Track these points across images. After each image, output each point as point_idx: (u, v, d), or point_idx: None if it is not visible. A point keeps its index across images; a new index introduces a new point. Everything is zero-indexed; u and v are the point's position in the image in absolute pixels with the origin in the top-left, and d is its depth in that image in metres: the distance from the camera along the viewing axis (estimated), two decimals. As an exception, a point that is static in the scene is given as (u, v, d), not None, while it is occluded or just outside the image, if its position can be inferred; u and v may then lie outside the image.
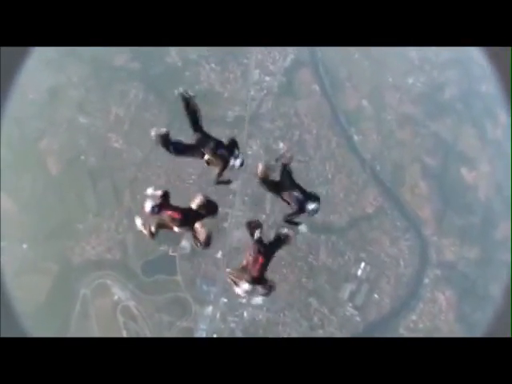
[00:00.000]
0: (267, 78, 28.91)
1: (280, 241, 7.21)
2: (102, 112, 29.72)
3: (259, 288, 6.92)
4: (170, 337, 27.47)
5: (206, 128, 8.07)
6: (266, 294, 7.07)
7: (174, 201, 7.35)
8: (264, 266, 6.90)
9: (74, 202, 28.98)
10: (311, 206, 7.53)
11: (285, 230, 7.19)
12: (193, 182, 27.56)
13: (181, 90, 7.35)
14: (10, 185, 30.59)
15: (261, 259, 6.83)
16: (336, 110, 29.08)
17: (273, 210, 27.51)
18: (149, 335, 28.92)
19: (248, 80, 28.90)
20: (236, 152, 7.41)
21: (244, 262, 7.00)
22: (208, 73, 28.57)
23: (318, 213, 7.54)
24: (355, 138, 29.03)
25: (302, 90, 29.17)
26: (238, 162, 7.43)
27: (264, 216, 27.57)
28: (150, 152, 28.87)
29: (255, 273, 6.81)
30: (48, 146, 30.18)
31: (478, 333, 26.59)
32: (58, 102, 29.97)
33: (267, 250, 6.94)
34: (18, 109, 29.54)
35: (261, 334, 27.62)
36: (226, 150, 7.60)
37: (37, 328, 29.36)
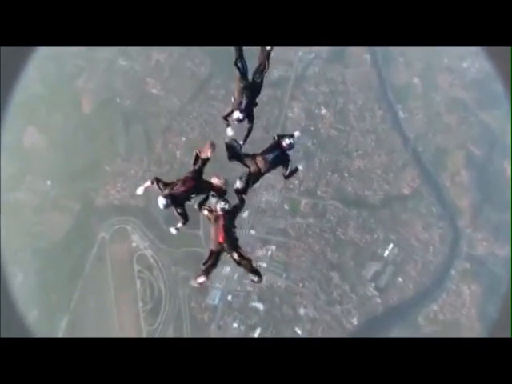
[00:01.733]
0: (318, 41, 27.73)
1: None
2: (143, 56, 28.94)
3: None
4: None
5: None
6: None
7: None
8: (227, 230, 6.46)
9: (104, 144, 28.35)
10: (286, 141, 6.77)
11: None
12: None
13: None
14: (41, 120, 30.12)
15: (222, 223, 6.43)
16: (385, 83, 27.87)
17: (307, 176, 26.61)
18: (162, 288, 28.45)
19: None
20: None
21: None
22: (257, 28, 27.45)
23: (293, 146, 6.80)
24: (401, 114, 27.81)
25: (352, 58, 27.96)
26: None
27: (297, 181, 26.68)
28: (187, 102, 28.07)
29: (219, 238, 6.45)
30: (84, 84, 29.53)
31: (498, 334, 25.51)
32: (99, 41, 29.31)
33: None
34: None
35: (277, 301, 26.85)
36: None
37: (51, 267, 29.19)
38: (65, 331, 27.55)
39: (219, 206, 6.39)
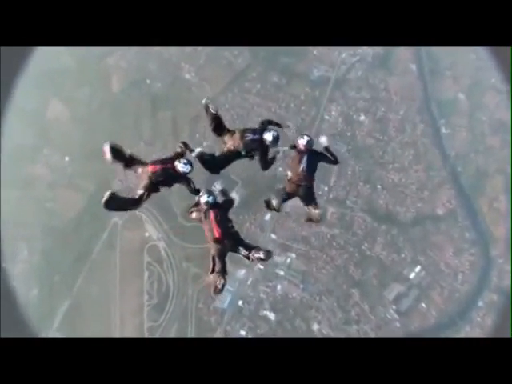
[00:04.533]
0: (363, 45, 26.47)
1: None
2: (179, 40, 27.93)
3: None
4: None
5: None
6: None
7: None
8: (220, 223, 6.32)
9: (129, 125, 27.16)
10: (268, 137, 6.60)
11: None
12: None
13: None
14: (67, 92, 29.02)
15: (212, 218, 6.35)
16: (429, 96, 26.38)
17: (338, 183, 25.10)
18: (171, 283, 26.99)
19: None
20: None
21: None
22: (302, 24, 26.24)
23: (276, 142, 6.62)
24: (443, 130, 26.26)
25: (397, 66, 26.57)
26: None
27: (326, 188, 25.19)
28: (220, 92, 26.86)
29: (216, 234, 6.32)
30: (116, 62, 28.45)
31: (498, 334, 23.87)
32: (137, 19, 28.36)
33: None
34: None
35: (290, 313, 25.21)
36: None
37: (58, 246, 27.91)
38: (63, 316, 26.24)
39: (202, 199, 6.33)
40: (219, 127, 6.91)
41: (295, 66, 26.27)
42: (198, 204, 6.50)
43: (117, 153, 6.66)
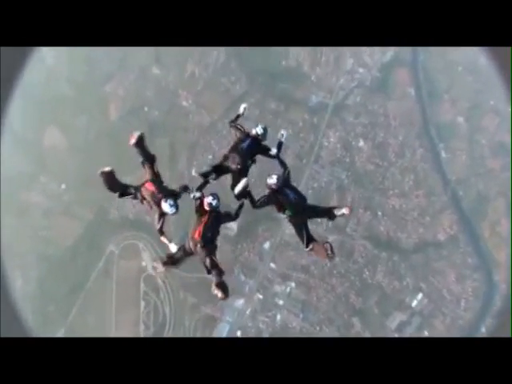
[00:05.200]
0: (361, 70, 26.39)
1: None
2: (177, 67, 27.88)
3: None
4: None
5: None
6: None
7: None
8: (206, 228, 6.27)
9: (126, 153, 26.85)
10: (259, 131, 6.79)
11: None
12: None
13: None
14: (64, 120, 29.02)
15: (204, 220, 6.32)
16: (428, 120, 26.21)
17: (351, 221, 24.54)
18: (167, 313, 26.42)
19: (340, 67, 26.45)
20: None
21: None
22: (299, 50, 26.29)
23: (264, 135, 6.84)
24: (443, 155, 26.01)
25: (395, 91, 26.48)
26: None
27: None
28: (218, 119, 26.71)
29: (195, 233, 6.25)
30: (113, 90, 28.42)
31: (498, 334, 23.24)
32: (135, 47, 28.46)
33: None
34: (89, 48, 28.20)
35: (290, 343, 24.60)
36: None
37: (53, 275, 27.42)
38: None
39: (207, 200, 6.30)
40: (221, 171, 6.91)
41: (293, 92, 26.19)
42: (202, 201, 6.40)
43: (141, 141, 6.65)
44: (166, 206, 6.08)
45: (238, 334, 24.95)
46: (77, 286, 26.39)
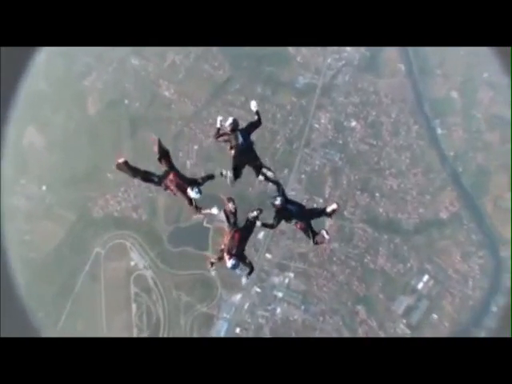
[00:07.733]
0: (348, 49, 25.37)
1: (251, 222, 7.21)
2: (157, 56, 26.68)
3: (241, 264, 6.95)
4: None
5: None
6: (248, 273, 7.18)
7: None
8: (241, 242, 6.98)
9: (108, 148, 25.58)
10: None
11: (253, 213, 7.16)
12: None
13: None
14: (43, 119, 27.55)
15: (237, 236, 6.96)
16: (421, 96, 25.25)
17: (333, 194, 23.57)
18: (161, 315, 24.96)
19: (327, 47, 25.42)
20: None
21: (222, 246, 7.02)
22: (282, 31, 25.20)
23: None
24: (439, 131, 25.03)
25: (385, 68, 25.51)
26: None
27: (321, 200, 23.65)
28: (202, 107, 25.54)
29: (234, 249, 6.87)
30: (92, 83, 27.08)
31: (498, 334, 22.57)
32: (111, 38, 27.27)
33: (243, 228, 7.09)
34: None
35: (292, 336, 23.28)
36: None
37: (39, 282, 25.84)
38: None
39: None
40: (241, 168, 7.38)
41: (279, 74, 25.13)
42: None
43: (161, 147, 7.22)
44: (193, 193, 6.80)
45: (237, 331, 23.59)
46: (64, 291, 24.86)
